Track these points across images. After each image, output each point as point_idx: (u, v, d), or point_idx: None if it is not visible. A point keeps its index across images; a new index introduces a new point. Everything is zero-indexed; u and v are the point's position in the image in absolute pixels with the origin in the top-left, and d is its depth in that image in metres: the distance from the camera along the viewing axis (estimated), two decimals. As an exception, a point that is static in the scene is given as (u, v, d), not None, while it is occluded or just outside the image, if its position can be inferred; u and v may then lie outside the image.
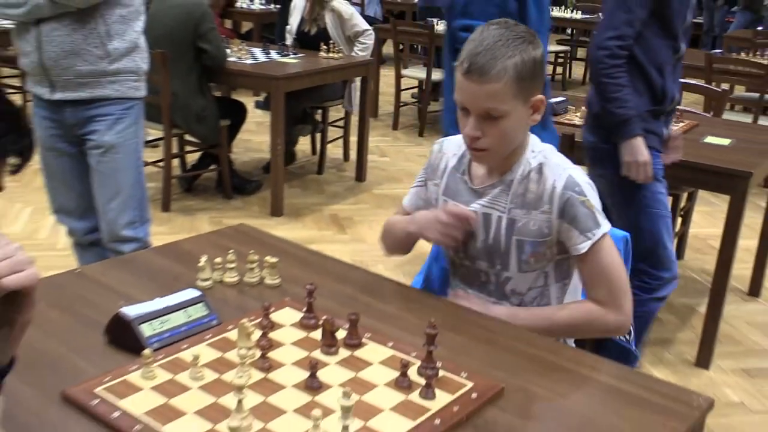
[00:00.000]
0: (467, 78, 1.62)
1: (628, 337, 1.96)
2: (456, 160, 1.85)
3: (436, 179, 1.88)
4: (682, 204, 3.92)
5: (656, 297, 2.80)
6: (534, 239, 1.74)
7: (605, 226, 1.70)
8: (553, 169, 1.71)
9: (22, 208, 4.55)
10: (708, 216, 4.91)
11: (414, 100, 7.26)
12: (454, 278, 1.93)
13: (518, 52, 1.60)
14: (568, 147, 2.93)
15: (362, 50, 5.31)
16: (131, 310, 1.51)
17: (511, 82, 1.60)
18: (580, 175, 1.71)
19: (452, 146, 1.87)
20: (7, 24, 5.51)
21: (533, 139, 1.77)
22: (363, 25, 5.36)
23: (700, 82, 4.68)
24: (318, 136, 5.59)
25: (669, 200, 3.82)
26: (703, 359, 3.19)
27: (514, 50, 1.60)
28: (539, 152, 1.74)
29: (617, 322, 1.71)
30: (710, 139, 3.34)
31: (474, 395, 1.37)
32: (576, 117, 3.50)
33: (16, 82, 6.04)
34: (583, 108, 3.10)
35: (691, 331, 3.49)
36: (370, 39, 5.36)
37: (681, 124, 3.49)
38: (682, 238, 4.19)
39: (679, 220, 3.97)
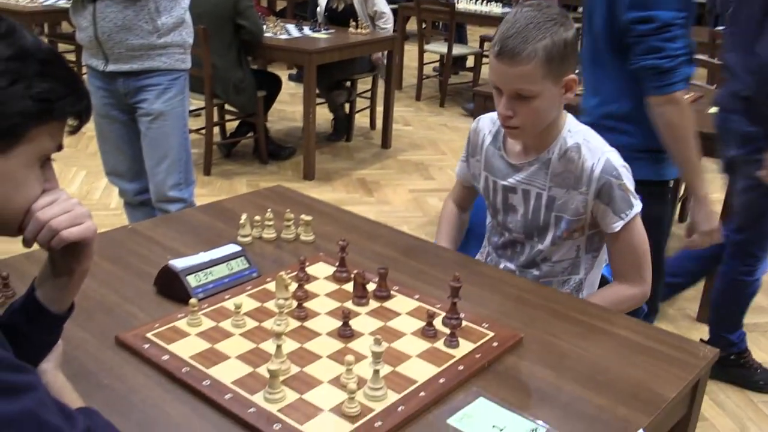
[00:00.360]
0: (499, 60, 1.57)
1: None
2: (491, 137, 1.80)
3: (477, 155, 1.84)
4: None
5: (757, 278, 2.71)
6: (571, 217, 1.69)
7: (637, 206, 1.66)
8: (592, 151, 1.64)
9: (78, 172, 4.57)
10: (709, 182, 4.83)
11: (435, 73, 7.18)
12: (488, 243, 1.91)
13: (549, 34, 1.54)
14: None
15: (382, 32, 5.24)
16: (178, 263, 1.51)
17: (540, 63, 1.54)
18: (617, 158, 1.65)
19: (487, 123, 1.82)
20: (64, 2, 5.53)
21: (570, 119, 1.70)
22: (382, 7, 5.29)
23: (705, 57, 4.59)
24: (347, 105, 5.56)
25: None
26: (704, 314, 3.16)
27: (544, 32, 1.54)
28: (576, 132, 1.67)
29: (643, 293, 1.70)
30: (714, 110, 3.27)
31: (495, 344, 1.36)
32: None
33: (71, 57, 6.04)
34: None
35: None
36: (387, 24, 5.29)
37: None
38: (685, 201, 4.13)
39: (683, 185, 3.91)
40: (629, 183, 1.66)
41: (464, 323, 1.42)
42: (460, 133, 5.65)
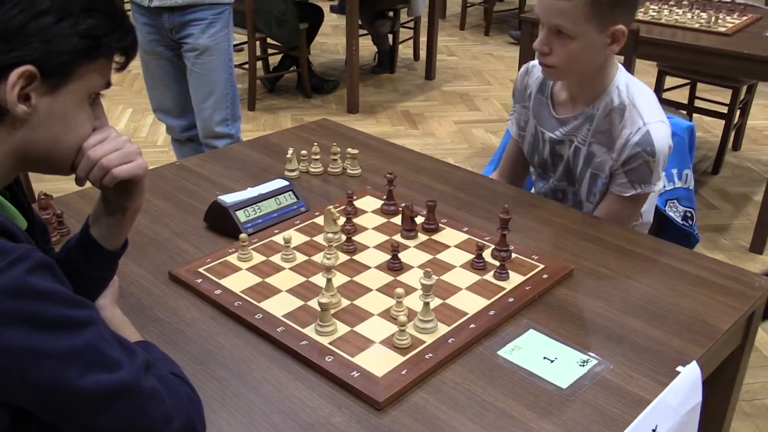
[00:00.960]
0: None
1: (691, 222, 1.89)
2: (538, 84, 1.75)
3: (524, 102, 1.79)
4: (741, 96, 3.73)
5: None
6: (605, 177, 1.64)
7: (657, 186, 1.60)
8: (635, 119, 1.56)
9: (125, 109, 4.61)
10: (766, 108, 4.68)
11: (480, 0, 7.00)
12: (534, 189, 1.89)
13: None
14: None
15: None
16: (227, 198, 1.52)
17: (584, 4, 1.46)
18: (662, 133, 1.55)
19: (536, 70, 1.75)
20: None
21: (622, 75, 1.62)
22: None
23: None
24: (390, 36, 5.47)
25: (728, 93, 3.65)
26: (758, 245, 3.09)
27: None
28: (627, 91, 1.59)
29: None
30: (773, 32, 3.13)
31: (545, 276, 1.35)
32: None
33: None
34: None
35: (746, 218, 3.37)
36: None
37: (744, 18, 3.28)
38: (739, 129, 4.01)
39: (738, 112, 3.79)
40: (661, 161, 1.57)
41: (514, 255, 1.41)
42: (506, 63, 5.52)
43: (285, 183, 1.62)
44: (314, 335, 1.18)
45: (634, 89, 1.59)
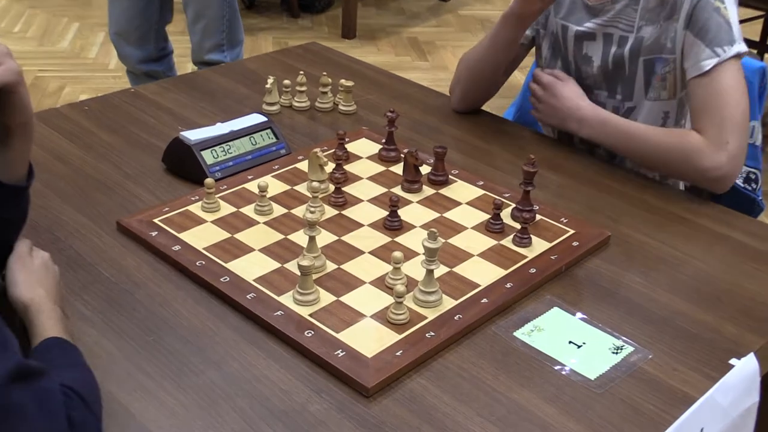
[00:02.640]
0: None
1: (754, 185, 1.88)
2: None
3: None
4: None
5: None
6: (663, 55, 1.62)
7: (740, 45, 1.56)
8: None
9: (69, 24, 4.56)
10: None
11: None
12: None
13: None
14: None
15: None
16: (192, 135, 1.51)
17: None
18: None
19: None
20: None
21: None
22: None
23: None
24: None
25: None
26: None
27: None
28: None
29: (714, 162, 1.52)
30: None
31: (575, 243, 1.35)
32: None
33: None
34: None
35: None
36: None
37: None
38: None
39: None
40: (732, 12, 1.55)
41: (538, 217, 1.40)
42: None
43: (263, 119, 1.61)
44: (292, 305, 1.17)
45: None
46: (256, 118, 1.61)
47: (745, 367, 1.13)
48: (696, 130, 1.57)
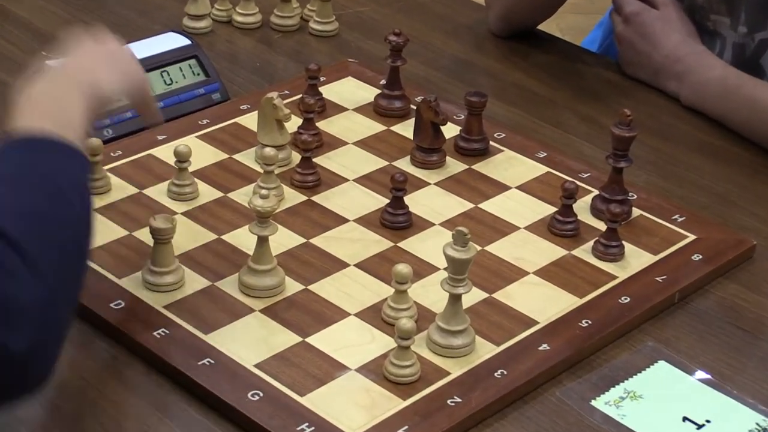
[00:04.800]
0: None
1: None
2: None
3: None
4: None
5: None
6: None
7: None
8: None
9: None
10: None
11: None
12: None
13: None
14: None
15: None
16: (65, 67, 1.51)
17: None
18: None
19: None
20: None
21: None
22: None
23: None
24: None
25: None
26: None
27: None
28: None
29: None
30: None
31: (696, 257, 1.35)
32: None
33: None
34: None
35: None
36: None
37: None
38: None
39: None
40: None
41: (636, 212, 1.41)
42: None
43: (183, 41, 1.62)
44: (228, 346, 1.17)
45: None
46: (171, 41, 1.62)
47: None
48: None
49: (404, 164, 1.48)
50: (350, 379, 1.15)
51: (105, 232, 1.32)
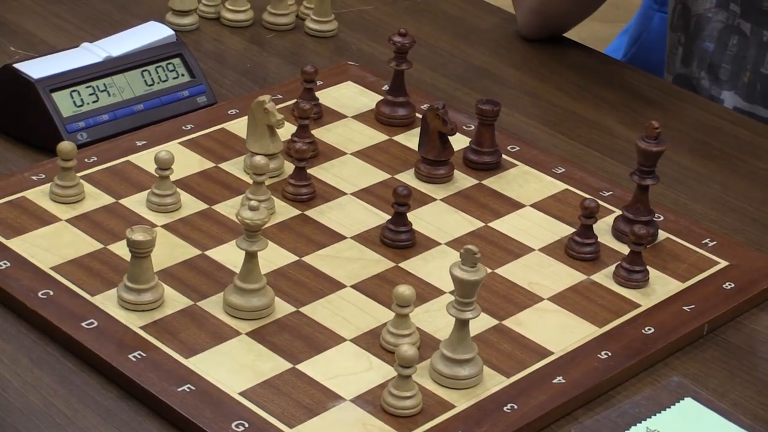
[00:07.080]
0: None
1: None
2: None
3: None
4: None
5: None
6: None
7: None
8: None
9: None
10: None
11: None
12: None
13: None
14: None
15: None
16: (35, 66, 1.52)
17: None
18: None
19: None
20: None
21: None
22: None
23: None
24: None
25: None
26: None
27: None
28: None
29: None
30: None
31: (728, 285, 1.35)
32: None
33: None
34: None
35: None
36: None
37: None
38: None
39: None
40: None
41: (662, 235, 1.41)
42: None
43: (167, 36, 1.63)
44: (208, 371, 1.17)
45: None
46: (154, 35, 1.62)
47: None
48: None
49: (408, 178, 1.48)
50: (345, 410, 1.15)
51: (77, 244, 1.33)
